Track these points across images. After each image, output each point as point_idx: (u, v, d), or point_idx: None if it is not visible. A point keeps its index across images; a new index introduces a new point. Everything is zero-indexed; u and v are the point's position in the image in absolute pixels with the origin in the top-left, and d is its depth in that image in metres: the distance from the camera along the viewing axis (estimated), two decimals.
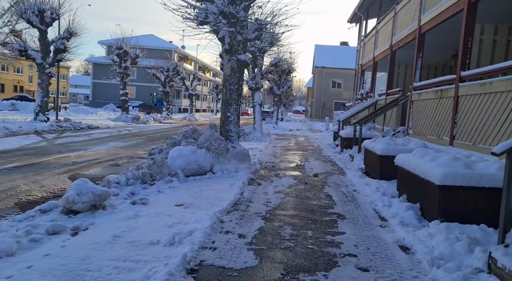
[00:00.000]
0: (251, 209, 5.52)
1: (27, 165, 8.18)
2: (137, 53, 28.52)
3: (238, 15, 8.02)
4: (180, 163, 7.84)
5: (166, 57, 43.79)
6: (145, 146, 13.30)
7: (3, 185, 6.28)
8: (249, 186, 7.22)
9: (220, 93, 65.76)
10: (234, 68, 9.05)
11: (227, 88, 9.22)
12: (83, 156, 10.02)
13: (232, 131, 9.48)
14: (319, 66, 49.47)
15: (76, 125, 19.15)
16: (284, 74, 26.54)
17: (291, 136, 21.98)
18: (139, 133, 18.58)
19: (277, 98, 34.17)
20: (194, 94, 45.54)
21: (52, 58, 18.77)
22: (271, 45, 16.35)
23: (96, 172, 8.03)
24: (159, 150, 9.00)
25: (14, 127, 15.37)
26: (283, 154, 12.70)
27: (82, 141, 13.78)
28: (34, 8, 17.68)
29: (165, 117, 34.56)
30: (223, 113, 9.50)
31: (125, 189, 6.36)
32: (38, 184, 6.58)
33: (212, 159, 8.30)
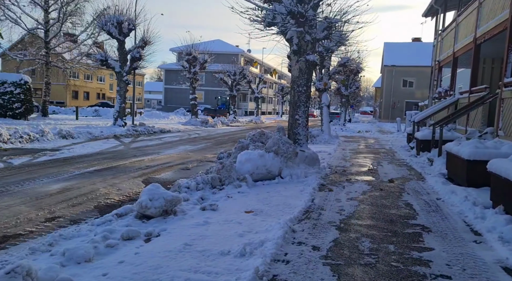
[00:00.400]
0: (324, 218, 5.21)
1: (106, 168, 8.62)
2: (206, 58, 29.35)
3: (307, 14, 7.74)
4: (249, 167, 7.74)
5: (232, 61, 44.74)
6: (214, 149, 13.50)
7: (85, 188, 6.62)
8: (319, 192, 6.90)
9: (285, 96, 65.64)
10: (302, 70, 8.77)
11: (295, 90, 8.96)
12: (156, 160, 10.37)
13: (301, 135, 9.20)
14: (388, 64, 47.22)
15: (149, 130, 20.11)
16: (352, 74, 25.63)
17: (360, 138, 21.11)
18: (208, 137, 19.00)
19: (345, 99, 33.14)
20: (260, 97, 45.91)
21: (129, 66, 19.92)
22: (339, 45, 15.77)
23: (167, 176, 8.21)
24: (228, 153, 9.00)
25: (96, 132, 16.48)
26: (353, 157, 12.14)
27: (155, 144, 14.36)
28: (113, 20, 18.88)
29: (232, 120, 35.18)
30: (291, 116, 9.26)
31: (195, 193, 6.37)
32: (115, 187, 6.85)
33: (281, 163, 8.09)
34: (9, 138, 12.10)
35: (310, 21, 8.01)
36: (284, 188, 7.10)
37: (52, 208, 5.33)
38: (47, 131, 13.68)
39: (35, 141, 12.83)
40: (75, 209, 5.36)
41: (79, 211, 5.29)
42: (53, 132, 14.06)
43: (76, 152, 11.01)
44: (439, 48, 17.33)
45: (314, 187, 7.13)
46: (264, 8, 7.96)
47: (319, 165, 9.25)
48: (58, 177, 7.33)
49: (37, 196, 5.91)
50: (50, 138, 13.58)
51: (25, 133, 12.74)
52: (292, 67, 8.98)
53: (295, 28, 7.88)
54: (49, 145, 12.28)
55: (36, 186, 6.55)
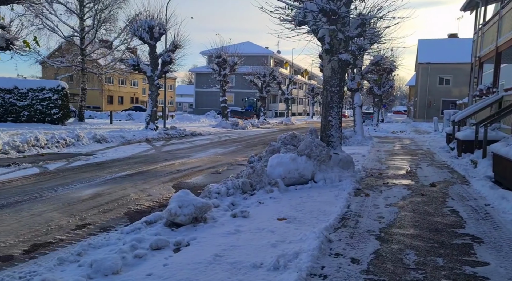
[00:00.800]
0: (362, 226, 4.88)
1: (137, 173, 8.61)
2: (235, 61, 29.35)
3: (339, 11, 7.41)
4: (280, 171, 7.50)
5: (262, 63, 44.54)
6: (244, 152, 13.33)
7: (116, 194, 6.59)
8: (355, 197, 6.55)
9: (316, 96, 64.81)
10: (335, 69, 8.44)
11: (328, 90, 8.64)
12: (186, 164, 10.31)
13: (334, 137, 8.86)
14: (423, 62, 45.64)
15: (181, 133, 20.24)
16: (385, 73, 24.83)
17: (395, 139, 20.37)
18: (238, 139, 18.89)
19: (377, 99, 32.22)
20: (290, 98, 45.52)
21: (160, 70, 20.15)
22: (372, 43, 15.25)
23: (198, 180, 8.10)
24: (258, 157, 8.79)
25: (129, 136, 16.73)
26: (389, 159, 11.63)
27: (186, 148, 14.37)
28: (144, 25, 19.16)
29: (262, 122, 35.02)
30: (323, 117, 8.94)
31: (226, 199, 6.20)
32: (145, 192, 6.79)
33: (313, 166, 7.79)
34: (46, 143, 12.42)
35: (342, 19, 7.68)
36: (317, 193, 6.80)
37: (83, 215, 5.29)
38: (82, 136, 13.98)
39: (71, 146, 13.12)
40: (105, 216, 5.30)
41: (109, 218, 5.22)
42: (88, 137, 14.35)
43: (109, 156, 11.13)
44: (480, 43, 16.43)
45: (350, 192, 6.79)
46: (294, 6, 7.71)
47: (354, 168, 8.87)
48: (90, 182, 7.36)
49: (69, 201, 5.92)
50: (85, 142, 13.86)
51: (61, 138, 13.06)
52: (324, 67, 8.67)
53: (327, 26, 7.57)
54: (84, 149, 12.52)
55: (69, 191, 6.58)
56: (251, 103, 46.31)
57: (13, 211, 5.28)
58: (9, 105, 20.86)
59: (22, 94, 20.84)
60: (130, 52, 22.00)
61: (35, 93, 20.81)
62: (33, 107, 20.88)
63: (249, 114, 42.16)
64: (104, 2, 23.82)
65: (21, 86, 20.91)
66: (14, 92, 20.83)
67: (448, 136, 14.80)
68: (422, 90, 46.29)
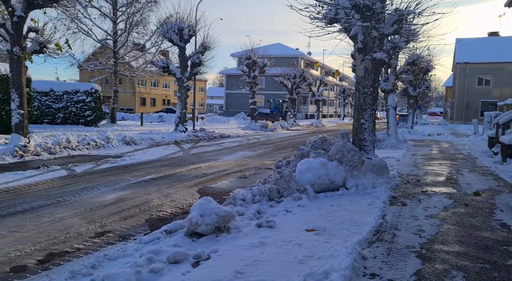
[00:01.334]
0: (400, 240, 4.43)
1: (163, 176, 8.45)
2: (265, 62, 29.09)
3: (374, 7, 6.95)
4: (309, 177, 7.10)
5: (292, 64, 43.92)
6: (273, 155, 12.99)
7: (139, 199, 6.42)
8: (391, 206, 6.07)
9: (347, 98, 63.55)
10: (368, 69, 7.95)
11: (361, 92, 8.16)
12: (213, 167, 10.08)
13: (367, 141, 8.36)
14: (461, 62, 43.72)
15: (209, 135, 20.15)
16: (421, 73, 23.80)
17: (431, 142, 19.42)
18: (267, 142, 18.56)
19: (413, 100, 31.03)
20: (320, 99, 44.75)
21: (189, 72, 20.15)
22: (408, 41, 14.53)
23: (223, 185, 7.83)
24: (287, 161, 8.42)
25: (158, 138, 16.77)
26: (426, 164, 10.96)
27: (214, 150, 14.20)
28: (174, 27, 19.22)
29: (292, 124, 34.55)
30: (356, 120, 8.46)
31: (251, 207, 5.88)
32: (169, 198, 6.58)
33: (345, 172, 7.35)
34: (77, 145, 12.57)
35: (377, 15, 7.20)
36: (349, 201, 6.37)
37: (104, 221, 5.12)
38: (112, 138, 14.09)
39: (101, 147, 13.22)
40: (126, 223, 5.11)
41: (129, 225, 5.02)
42: (117, 139, 14.46)
43: (136, 158, 11.09)
44: None
45: (385, 200, 6.31)
46: (326, 3, 7.30)
47: (388, 174, 8.34)
48: (115, 186, 7.24)
49: (92, 206, 5.78)
50: (115, 144, 13.96)
51: (92, 140, 13.19)
52: (356, 67, 8.20)
53: (360, 23, 7.11)
54: (113, 151, 12.57)
55: (93, 195, 6.47)
56: (277, 105, 44.16)
57: (35, 216, 5.19)
58: (45, 107, 21.51)
59: (58, 96, 21.44)
60: (162, 54, 22.20)
61: (69, 96, 21.35)
62: (67, 110, 21.43)
63: (275, 116, 39.92)
64: (136, 6, 24.21)
65: (57, 89, 21.52)
66: (50, 95, 21.46)
67: (491, 140, 13.86)
68: (459, 91, 44.35)
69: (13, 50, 11.19)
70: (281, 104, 43.27)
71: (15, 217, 5.16)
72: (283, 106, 43.24)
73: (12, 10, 10.98)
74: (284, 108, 43.18)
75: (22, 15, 11.09)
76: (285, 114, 41.88)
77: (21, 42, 11.31)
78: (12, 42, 11.20)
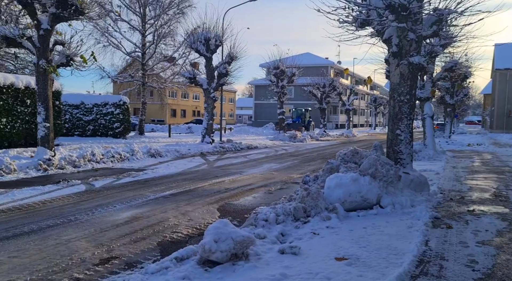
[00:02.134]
0: (449, 274, 3.73)
1: (183, 192, 8.03)
2: (293, 72, 28.58)
3: (410, 6, 6.29)
4: (339, 194, 6.46)
5: (322, 73, 43.19)
6: (301, 168, 12.37)
7: (155, 217, 5.99)
8: (434, 229, 5.33)
9: (378, 107, 61.85)
10: (404, 75, 7.26)
11: (396, 99, 7.46)
12: (237, 181, 9.58)
13: (403, 153, 7.62)
14: (501, 68, 41.56)
15: (236, 146, 19.74)
16: (459, 80, 22.53)
17: (472, 152, 18.15)
18: (295, 153, 17.93)
19: (450, 108, 29.54)
20: (351, 109, 43.65)
21: (216, 83, 19.91)
22: (445, 46, 13.64)
23: (246, 202, 7.29)
24: (314, 176, 7.80)
25: (184, 150, 16.50)
26: (469, 178, 10.00)
27: (239, 162, 13.72)
28: (201, 37, 19.08)
29: (322, 134, 33.71)
30: (390, 130, 7.75)
31: (274, 228, 5.31)
32: (187, 216, 6.11)
33: (379, 189, 6.65)
34: (102, 158, 12.43)
35: (414, 15, 6.54)
36: (385, 222, 5.67)
37: (112, 244, 4.69)
38: (137, 150, 13.90)
39: (126, 160, 13.04)
40: (135, 247, 4.66)
41: (139, 249, 4.56)
42: (142, 151, 14.27)
43: (159, 172, 10.77)
44: None
45: (426, 222, 5.58)
46: (356, 3, 6.71)
47: (429, 190, 7.55)
48: (131, 203, 6.86)
49: (103, 227, 5.39)
50: (140, 157, 13.76)
51: (116, 152, 13.04)
52: (391, 73, 7.53)
53: (395, 23, 6.47)
54: (137, 164, 12.34)
55: (106, 214, 6.09)
56: (300, 115, 41.26)
57: (40, 238, 4.83)
58: (76, 120, 21.85)
59: (88, 109, 21.74)
60: (192, 66, 22.14)
61: (99, 108, 21.60)
62: (97, 122, 21.67)
63: (297, 126, 36.83)
64: (164, 18, 24.40)
65: (87, 101, 21.83)
66: (81, 108, 21.80)
67: None
68: (500, 98, 42.08)
69: (39, 63, 11.23)
70: (303, 114, 40.93)
71: (20, 239, 4.82)
72: (306, 115, 40.90)
73: (39, 23, 11.04)
74: (307, 117, 40.77)
75: (48, 28, 11.13)
76: (308, 124, 39.39)
77: (47, 55, 11.33)
78: (38, 55, 11.24)
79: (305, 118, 40.07)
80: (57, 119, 16.82)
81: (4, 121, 14.13)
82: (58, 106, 16.87)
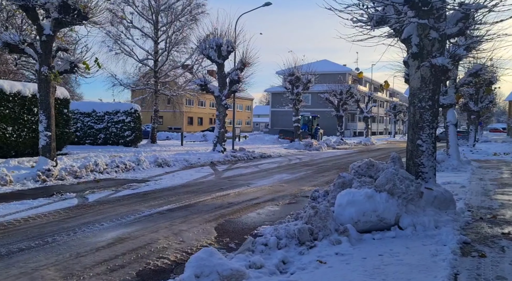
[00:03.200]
0: None
1: (181, 207, 7.39)
2: (309, 78, 27.82)
3: (432, 0, 5.54)
4: (351, 213, 5.70)
5: (339, 81, 42.16)
6: (313, 179, 11.60)
7: (143, 238, 5.35)
8: (464, 258, 4.52)
9: (398, 114, 60.29)
10: (426, 78, 6.47)
11: (416, 106, 6.67)
12: (242, 194, 8.90)
13: (425, 166, 6.79)
14: None
15: (249, 155, 19.08)
16: (484, 85, 21.37)
17: (499, 162, 16.98)
18: (310, 162, 17.13)
19: (474, 115, 28.20)
20: (369, 116, 42.52)
21: (228, 90, 19.36)
22: (469, 49, 12.71)
23: (248, 219, 6.59)
24: (324, 191, 7.04)
25: (193, 159, 15.93)
26: (499, 192, 9.05)
27: (249, 173, 13.04)
28: (212, 43, 18.62)
29: (339, 143, 32.72)
30: (410, 141, 6.94)
31: (274, 254, 4.60)
32: (179, 237, 5.45)
33: (398, 207, 5.86)
34: (106, 168, 11.95)
35: (437, 11, 5.78)
36: (405, 248, 4.89)
37: (84, 275, 4.06)
38: (143, 160, 13.39)
39: (131, 170, 12.53)
40: (110, 277, 4.01)
41: None
42: (149, 161, 13.75)
43: (162, 183, 10.19)
44: None
45: (454, 249, 4.76)
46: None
47: (455, 208, 6.68)
48: (122, 220, 6.25)
49: (80, 251, 4.77)
50: (146, 167, 13.24)
51: (121, 162, 12.55)
52: (410, 76, 6.75)
53: (415, 20, 5.71)
54: (141, 175, 11.81)
55: (90, 234, 5.48)
56: (306, 122, 36.79)
57: (3, 266, 4.23)
58: (88, 128, 21.63)
59: (99, 117, 21.50)
60: (208, 73, 21.71)
61: (110, 116, 21.33)
62: (108, 130, 21.38)
63: (302, 135, 31.68)
64: (176, 25, 24.10)
65: (98, 109, 21.60)
66: (92, 116, 21.57)
67: None
68: None
69: (41, 70, 10.86)
70: (311, 121, 36.92)
71: None
72: (313, 123, 37.05)
73: (41, 29, 10.70)
74: (314, 125, 37.05)
75: (50, 34, 10.77)
76: (316, 132, 35.91)
77: (49, 62, 10.97)
78: (41, 61, 10.88)
79: (312, 126, 36.49)
80: (66, 127, 16.55)
81: (10, 130, 13.87)
82: (66, 114, 16.60)
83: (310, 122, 36.75)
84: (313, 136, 34.15)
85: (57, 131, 16.03)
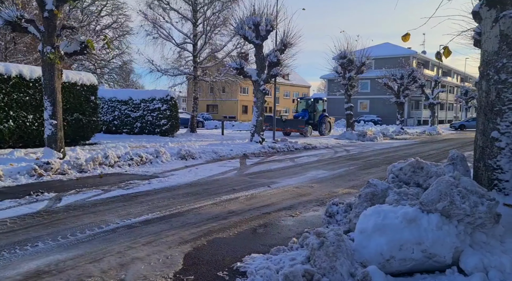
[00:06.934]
0: None
1: (164, 217, 5.77)
2: (363, 61, 24.99)
3: None
4: (381, 246, 3.71)
5: (401, 64, 38.25)
6: (354, 177, 9.47)
7: (67, 274, 3.78)
8: None
9: (470, 100, 54.25)
10: (508, 37, 4.17)
11: (491, 79, 4.39)
12: (255, 198, 7.10)
13: (505, 171, 4.51)
14: None
15: (290, 146, 17.14)
16: None
17: None
18: (357, 156, 14.82)
19: None
20: (436, 103, 38.23)
21: (267, 74, 17.49)
22: None
23: (238, 242, 4.77)
24: (346, 205, 4.96)
25: (225, 151, 14.39)
26: None
27: (279, 168, 11.16)
28: (249, 22, 16.82)
29: (398, 132, 29.51)
30: (481, 132, 4.68)
31: None
32: (122, 272, 3.81)
33: (458, 237, 3.76)
34: (117, 161, 10.75)
35: None
36: None
37: None
38: (163, 152, 12.05)
39: (147, 163, 11.25)
40: None
41: None
42: (171, 153, 12.40)
43: (168, 181, 8.69)
44: None
45: None
46: None
47: None
48: (68, 239, 4.73)
49: None
50: (165, 159, 11.88)
51: (136, 154, 11.29)
52: (483, 35, 4.46)
53: None
54: (154, 169, 10.46)
55: (4, 263, 4.02)
56: (307, 107, 26.73)
57: None
58: (125, 117, 20.98)
59: (136, 105, 20.72)
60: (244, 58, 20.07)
61: (146, 104, 20.46)
62: (144, 119, 20.55)
63: (297, 124, 24.21)
64: (216, 7, 22.56)
65: (135, 97, 20.83)
66: (129, 104, 20.86)
67: None
68: None
69: (44, 51, 9.80)
70: (312, 106, 26.49)
71: None
72: (316, 108, 26.44)
73: (42, 3, 9.60)
74: (319, 111, 26.51)
75: (52, 9, 9.63)
76: (320, 119, 25.72)
77: (53, 41, 9.87)
78: (43, 41, 9.82)
79: (314, 113, 26.16)
80: (93, 116, 15.79)
81: (31, 119, 13.23)
82: (94, 101, 15.80)
83: (311, 107, 26.35)
84: (315, 126, 25.57)
85: (84, 119, 15.34)
